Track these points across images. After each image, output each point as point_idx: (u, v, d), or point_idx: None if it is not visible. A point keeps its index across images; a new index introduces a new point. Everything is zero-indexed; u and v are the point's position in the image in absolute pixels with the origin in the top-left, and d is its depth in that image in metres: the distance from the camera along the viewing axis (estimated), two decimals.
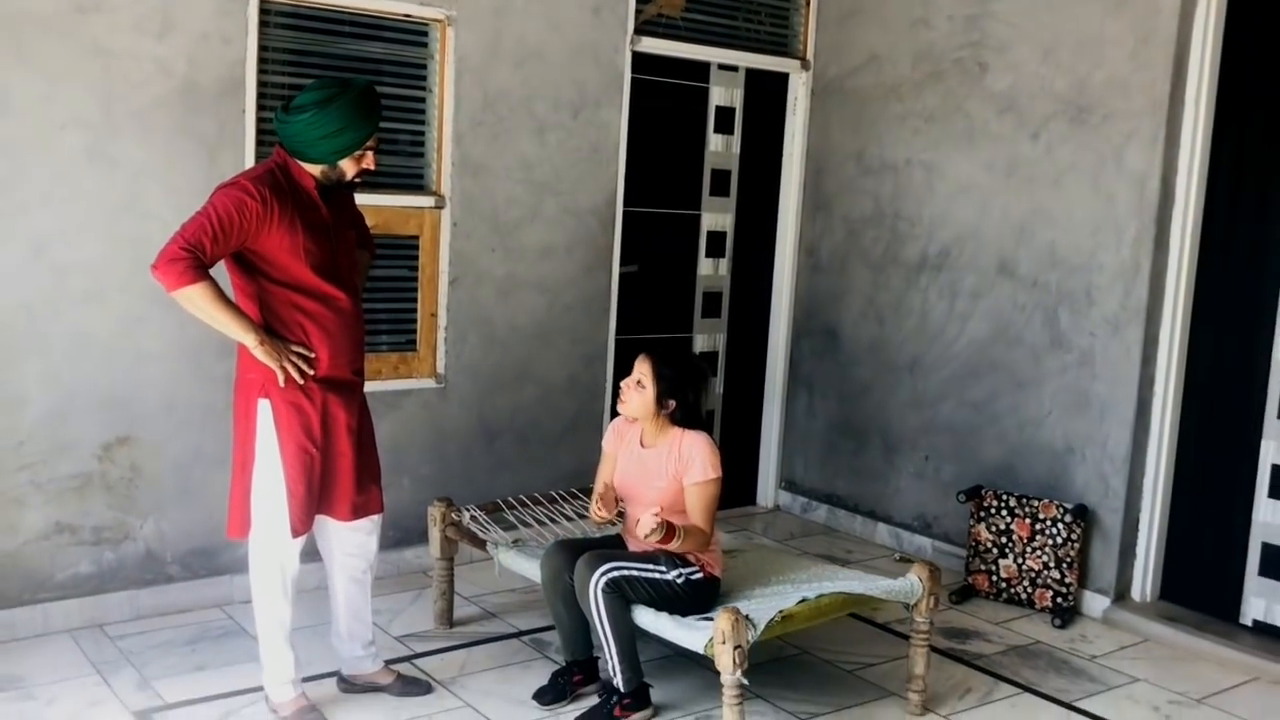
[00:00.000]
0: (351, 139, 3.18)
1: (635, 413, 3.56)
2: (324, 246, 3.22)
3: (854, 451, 5.54)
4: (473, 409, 4.81)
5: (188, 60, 3.98)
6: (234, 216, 3.04)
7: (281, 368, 3.14)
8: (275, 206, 3.09)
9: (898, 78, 5.28)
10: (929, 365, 5.19)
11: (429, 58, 4.55)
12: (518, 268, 4.84)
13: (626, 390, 3.55)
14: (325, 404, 3.26)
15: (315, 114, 3.12)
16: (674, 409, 3.51)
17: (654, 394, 3.50)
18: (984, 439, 4.98)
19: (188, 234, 3.02)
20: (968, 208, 5.02)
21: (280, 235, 3.12)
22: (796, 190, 5.70)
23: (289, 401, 3.19)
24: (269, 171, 3.17)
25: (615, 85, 5.01)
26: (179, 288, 3.01)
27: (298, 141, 3.16)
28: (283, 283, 3.18)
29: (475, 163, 4.65)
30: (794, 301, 5.78)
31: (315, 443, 3.24)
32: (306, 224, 3.17)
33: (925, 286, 5.19)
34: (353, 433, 3.34)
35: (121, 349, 3.97)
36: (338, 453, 3.32)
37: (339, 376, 3.29)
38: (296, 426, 3.21)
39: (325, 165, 3.21)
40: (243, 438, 3.25)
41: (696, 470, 3.45)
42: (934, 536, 5.20)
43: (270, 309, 3.19)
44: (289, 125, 3.16)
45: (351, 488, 3.37)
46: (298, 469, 3.21)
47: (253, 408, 3.21)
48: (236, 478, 3.28)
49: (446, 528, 4.07)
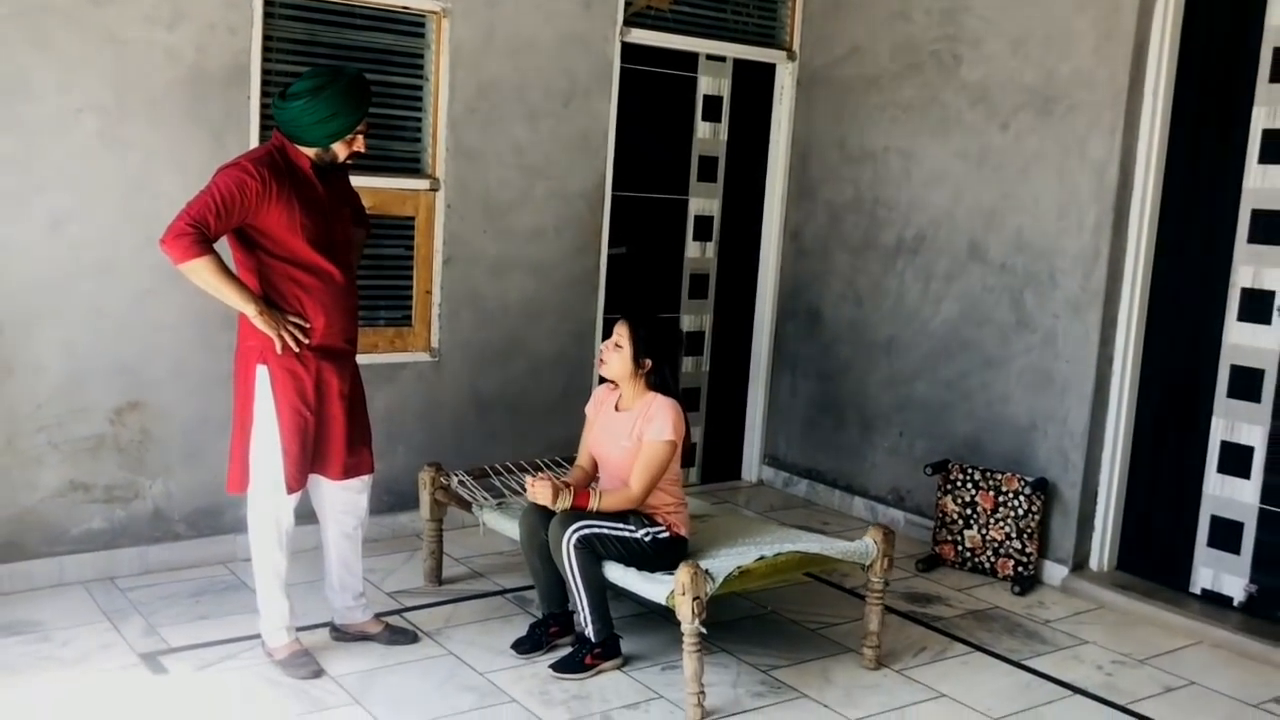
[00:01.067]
0: (342, 124, 3.43)
1: (614, 373, 3.79)
2: (319, 222, 3.47)
3: (834, 428, 5.78)
4: (465, 382, 5.06)
5: (196, 49, 4.24)
6: (235, 194, 3.29)
7: (279, 336, 3.40)
8: (274, 185, 3.34)
9: (878, 69, 5.49)
10: (904, 345, 5.41)
11: (425, 48, 4.79)
12: (509, 248, 5.09)
13: (606, 351, 3.80)
14: (319, 370, 3.51)
15: (309, 101, 3.37)
16: (650, 369, 3.75)
17: (630, 353, 3.74)
18: (955, 415, 5.20)
19: (193, 211, 3.28)
20: (942, 194, 5.23)
21: (279, 212, 3.37)
22: (782, 177, 5.92)
23: (285, 368, 3.45)
24: (268, 153, 3.42)
25: (605, 75, 5.23)
26: (185, 260, 3.27)
27: (293, 126, 3.41)
28: (281, 257, 3.43)
29: (469, 148, 4.89)
30: (779, 284, 6.00)
31: (309, 406, 3.50)
32: (303, 202, 3.42)
33: (902, 270, 5.41)
34: (344, 398, 3.59)
35: (133, 320, 4.24)
36: (330, 416, 3.57)
37: (332, 345, 3.54)
38: (292, 391, 3.46)
39: (319, 148, 3.46)
40: (242, 400, 3.51)
41: (654, 428, 3.68)
42: (906, 509, 5.42)
43: (269, 281, 3.44)
44: (285, 111, 3.40)
45: (343, 449, 3.63)
46: (293, 430, 3.47)
47: (251, 373, 3.46)
48: (236, 437, 3.54)
49: (436, 491, 4.33)
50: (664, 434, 3.69)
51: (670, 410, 3.72)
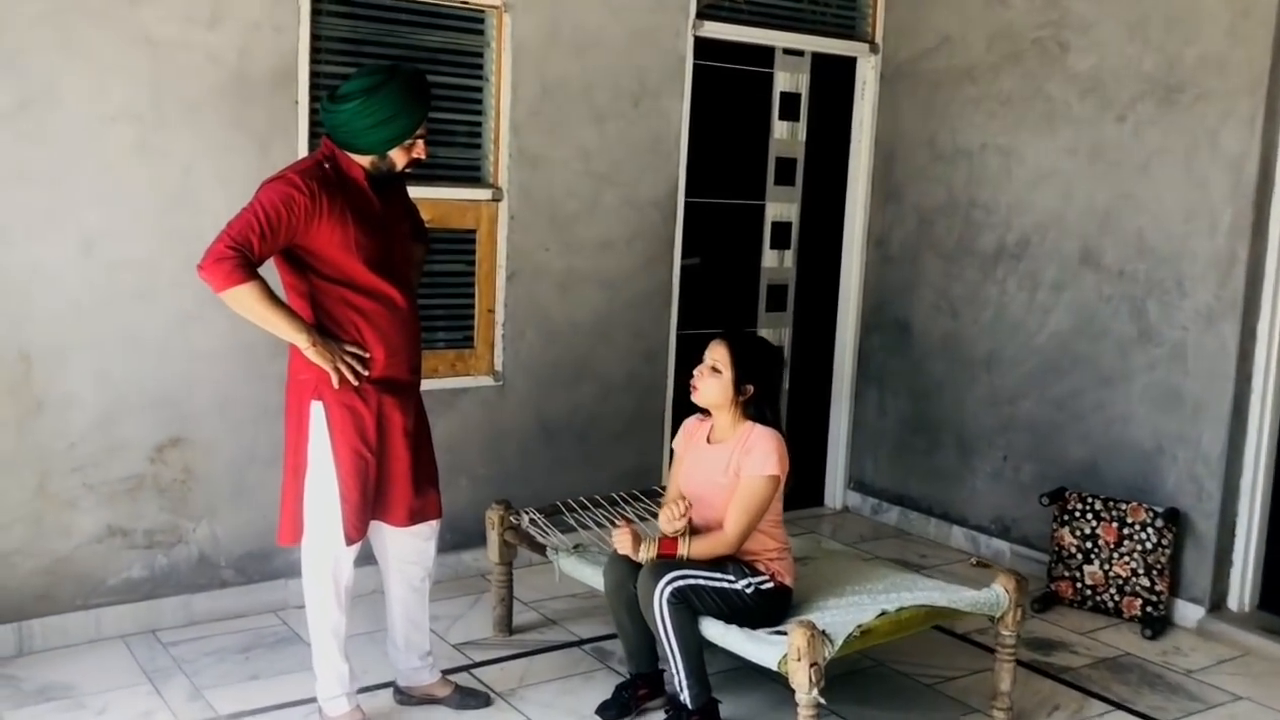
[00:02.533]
0: (401, 127, 3.03)
1: (710, 400, 3.38)
2: (377, 240, 3.08)
3: (927, 451, 5.32)
4: (531, 407, 4.67)
5: (239, 50, 3.87)
6: (281, 212, 2.91)
7: (335, 369, 3.01)
8: (324, 200, 2.96)
9: (972, 60, 5.04)
10: (1007, 360, 4.95)
11: (485, 45, 4.40)
12: (576, 261, 4.68)
13: (700, 377, 3.38)
14: (380, 406, 3.12)
15: (363, 102, 2.98)
16: (752, 394, 3.34)
17: (731, 378, 3.32)
18: (1067, 438, 4.74)
19: (234, 232, 2.89)
20: (1048, 195, 4.77)
21: (331, 229, 2.98)
22: (865, 179, 5.49)
23: (343, 403, 3.06)
24: (317, 164, 3.04)
25: (677, 72, 4.82)
26: (227, 288, 2.89)
27: (345, 131, 3.02)
28: (335, 279, 3.04)
29: (533, 154, 4.50)
30: (863, 294, 5.56)
31: (370, 446, 3.10)
32: (358, 217, 3.03)
33: (1003, 278, 4.96)
34: (409, 435, 3.20)
35: (173, 348, 3.87)
36: (393, 456, 3.18)
37: (395, 377, 3.15)
38: (350, 429, 3.07)
39: (374, 155, 3.07)
40: (294, 441, 3.12)
41: (753, 461, 3.27)
42: (1013, 540, 4.96)
43: (322, 307, 3.06)
44: (335, 114, 3.02)
45: (408, 492, 3.23)
46: (351, 473, 3.08)
47: (305, 410, 3.08)
48: (288, 482, 3.16)
49: (505, 532, 3.93)
50: (765, 468, 3.26)
51: (772, 441, 3.30)
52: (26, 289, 3.63)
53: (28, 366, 3.65)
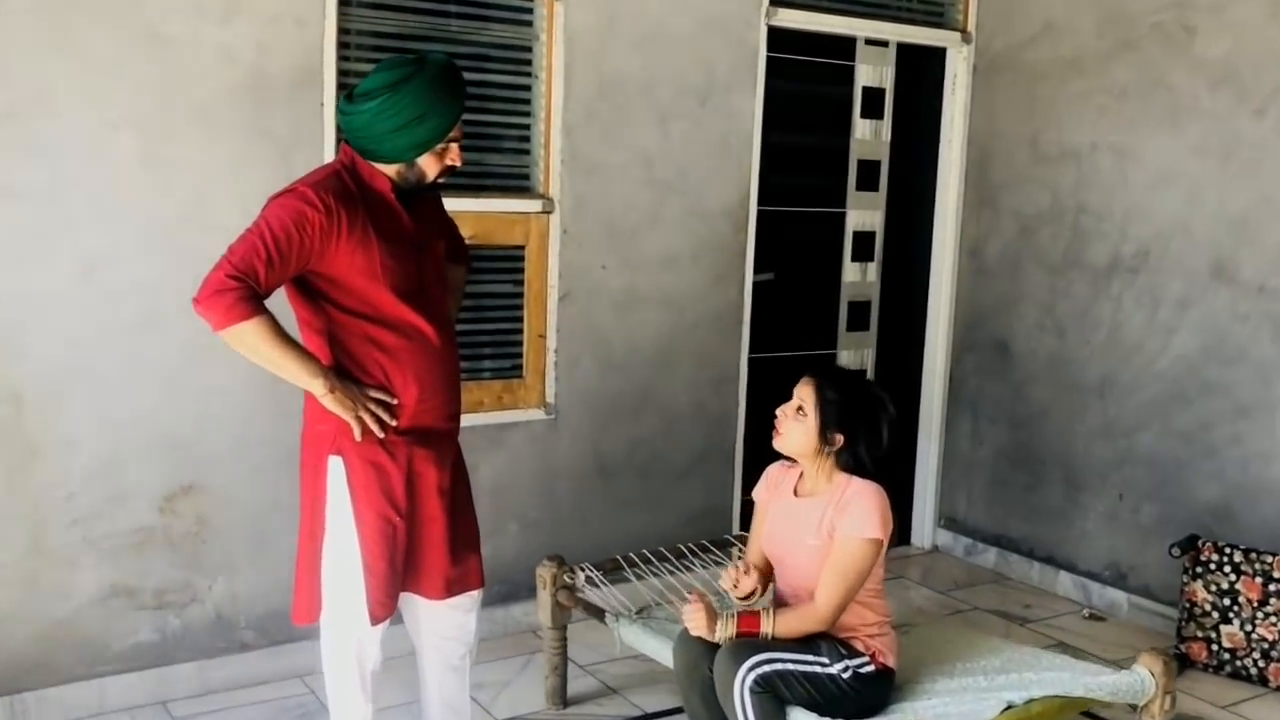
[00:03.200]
0: (431, 129, 2.56)
1: (792, 448, 2.87)
2: (407, 263, 2.61)
3: (1029, 486, 4.75)
4: (586, 443, 4.18)
5: (256, 47, 3.42)
6: (292, 233, 2.45)
7: (357, 418, 2.54)
8: (343, 217, 2.49)
9: (1080, 48, 4.48)
10: (1124, 386, 4.38)
11: (534, 39, 3.92)
12: (637, 280, 4.19)
13: (783, 419, 2.87)
14: (411, 461, 2.65)
15: (386, 100, 2.51)
16: (841, 446, 2.82)
17: (816, 424, 2.81)
18: (1195, 476, 4.16)
19: (236, 258, 2.44)
20: (1172, 199, 4.20)
21: (352, 252, 2.52)
22: (956, 183, 4.93)
23: (366, 459, 2.59)
24: (333, 175, 2.58)
25: (749, 65, 4.31)
26: (227, 325, 2.43)
27: (366, 136, 2.55)
28: (357, 312, 2.58)
29: (588, 159, 4.01)
30: (954, 311, 5.01)
31: (399, 509, 2.63)
32: (384, 236, 2.56)
33: (1118, 293, 4.38)
34: (445, 494, 2.72)
35: (184, 383, 3.43)
36: (427, 518, 2.71)
37: (428, 426, 2.67)
38: (375, 489, 2.60)
39: (401, 164, 2.60)
40: (311, 503, 2.66)
41: (850, 521, 2.75)
42: (1130, 590, 4.38)
43: (342, 346, 2.59)
44: (355, 116, 2.55)
45: (445, 560, 2.76)
46: (378, 541, 2.61)
47: (322, 466, 2.61)
48: (304, 551, 2.69)
49: (558, 592, 3.44)
50: (864, 529, 2.74)
51: (873, 497, 2.78)
52: (18, 320, 3.21)
53: (19, 408, 3.22)
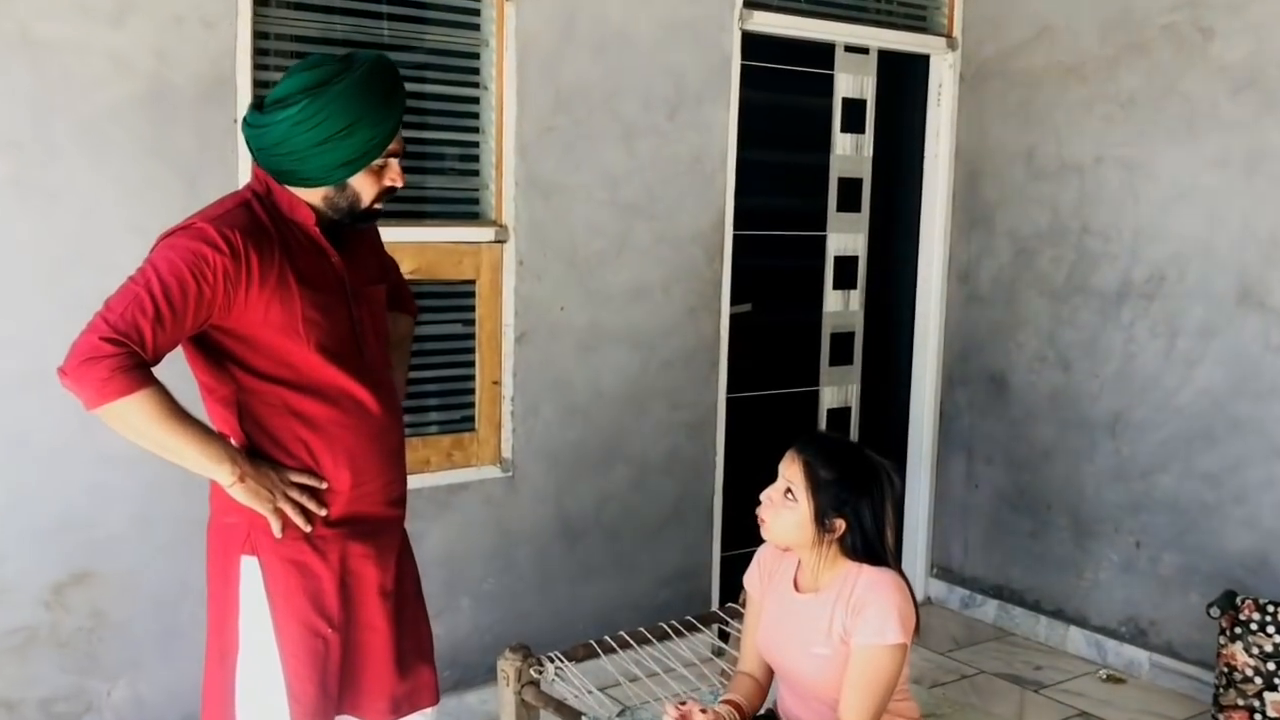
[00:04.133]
0: (365, 141, 2.06)
1: (783, 539, 2.37)
2: (337, 315, 2.11)
3: (1033, 532, 4.34)
4: (548, 502, 3.69)
5: (155, 53, 2.90)
6: (188, 281, 1.93)
7: (276, 510, 2.03)
8: (254, 260, 1.99)
9: (1081, 54, 4.09)
10: (1138, 424, 3.98)
11: (482, 44, 3.44)
12: (602, 315, 3.71)
13: (769, 506, 2.36)
14: (345, 558, 2.14)
15: (307, 105, 2.01)
16: (842, 533, 2.34)
17: (810, 510, 2.31)
18: (1224, 522, 3.76)
19: (114, 315, 1.91)
20: (1190, 217, 3.81)
21: (266, 304, 2.01)
22: (944, 202, 4.52)
23: (288, 559, 2.08)
24: (241, 206, 2.07)
25: (722, 74, 3.87)
26: (102, 403, 1.90)
27: (284, 154, 2.05)
28: (274, 377, 2.07)
29: (545, 181, 3.53)
30: (943, 341, 4.59)
31: (330, 619, 2.12)
32: (306, 283, 2.06)
33: (1130, 322, 3.99)
34: (388, 597, 2.22)
35: (74, 452, 2.89)
36: (366, 627, 2.20)
37: (366, 514, 2.17)
38: (300, 596, 2.09)
39: (330, 187, 2.10)
40: (219, 615, 2.13)
41: (868, 625, 2.25)
42: (1151, 648, 3.97)
43: (255, 419, 2.08)
44: (269, 129, 2.04)
45: (390, 675, 2.25)
46: (304, 661, 2.10)
47: (233, 569, 2.09)
48: (212, 675, 2.16)
49: (523, 689, 2.93)
50: (886, 634, 2.25)
51: (891, 591, 2.28)
52: None
53: None
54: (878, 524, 2.34)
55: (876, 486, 2.35)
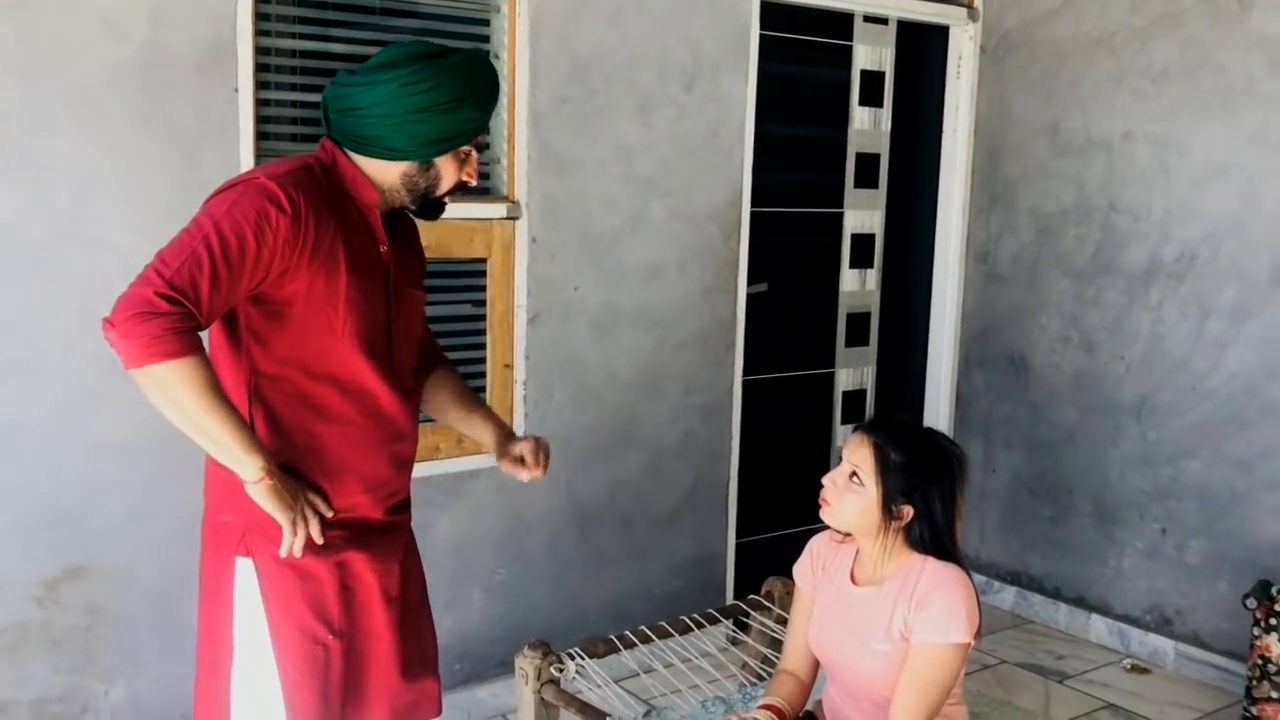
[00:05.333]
0: (465, 120, 1.94)
1: (846, 523, 2.24)
2: (376, 306, 1.96)
3: (1053, 519, 4.23)
4: (561, 488, 3.55)
5: (150, 16, 2.73)
6: (248, 240, 1.77)
7: (294, 522, 1.87)
8: (311, 224, 1.83)
9: (1109, 24, 3.95)
10: (1166, 408, 3.86)
11: (493, 9, 3.28)
12: (617, 295, 3.57)
13: (833, 489, 2.23)
14: (345, 562, 1.99)
15: (420, 68, 1.87)
16: (910, 520, 2.21)
17: (878, 495, 2.19)
18: (1255, 510, 3.66)
19: (170, 270, 1.72)
20: (1224, 195, 3.69)
21: (312, 275, 1.86)
22: (963, 178, 4.39)
23: (285, 561, 1.93)
24: (304, 169, 1.90)
25: (740, 44, 3.71)
26: (148, 362, 1.70)
27: (378, 117, 1.89)
28: (294, 363, 1.91)
29: (559, 155, 3.38)
30: (961, 321, 4.47)
31: (332, 626, 1.98)
32: (355, 262, 1.91)
33: (1158, 302, 3.87)
34: (392, 602, 2.07)
35: (67, 442, 2.74)
36: (369, 634, 2.06)
37: (367, 519, 2.02)
38: (299, 601, 1.95)
39: (414, 163, 1.94)
40: (212, 620, 1.98)
41: (931, 622, 2.13)
42: (1178, 638, 3.88)
43: (266, 406, 1.92)
44: (368, 89, 1.89)
45: (393, 685, 2.11)
46: (303, 670, 1.95)
47: (227, 571, 1.94)
48: (203, 682, 2.00)
49: (543, 688, 2.80)
50: (951, 632, 2.13)
51: (958, 588, 2.17)
52: None
53: None
54: (947, 515, 2.22)
55: (948, 475, 2.23)
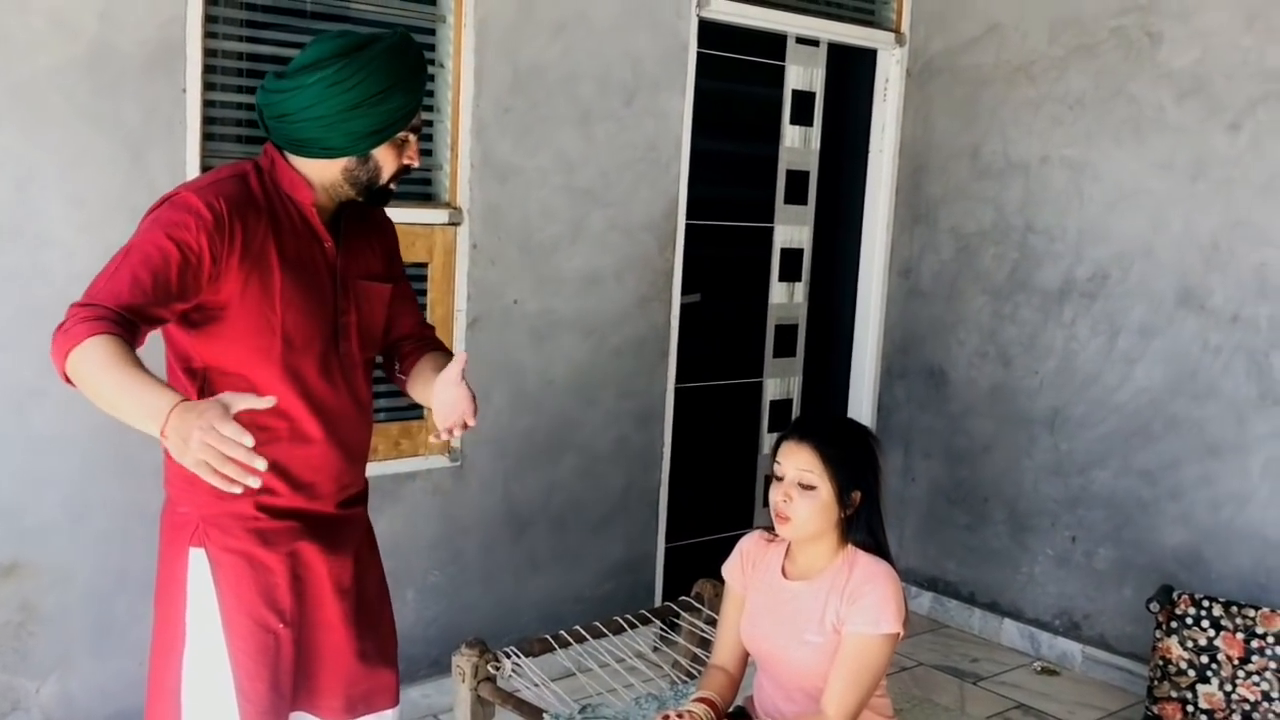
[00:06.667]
0: (397, 109, 1.95)
1: (811, 530, 2.32)
2: (317, 301, 2.00)
3: (969, 526, 4.39)
4: (496, 492, 3.61)
5: (99, 15, 2.74)
6: (169, 249, 1.80)
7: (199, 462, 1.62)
8: (237, 227, 1.87)
9: (1030, 53, 4.13)
10: (1077, 420, 4.05)
11: (440, 20, 3.34)
12: (556, 302, 3.64)
13: (788, 504, 2.31)
14: (298, 553, 2.04)
15: (342, 68, 1.89)
16: (859, 504, 2.32)
17: (832, 491, 2.30)
18: (1159, 518, 3.85)
19: (92, 288, 1.77)
20: (1133, 220, 3.88)
21: (245, 276, 1.89)
22: (888, 197, 4.54)
23: (237, 551, 1.97)
24: (237, 178, 1.94)
25: (678, 61, 3.82)
26: (64, 360, 1.69)
27: (309, 120, 1.91)
28: (239, 359, 1.94)
29: (502, 163, 3.45)
30: (884, 335, 4.62)
31: (282, 614, 2.01)
32: (288, 261, 1.95)
33: (1071, 320, 4.05)
34: (345, 594, 2.11)
35: (6, 436, 2.73)
36: (320, 625, 2.10)
37: (319, 511, 2.06)
38: (250, 590, 1.98)
39: (352, 158, 1.98)
40: (166, 608, 2.00)
41: (863, 614, 2.25)
42: (1085, 641, 4.05)
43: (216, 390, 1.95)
44: (296, 94, 1.91)
45: (345, 674, 2.15)
46: (253, 657, 1.98)
47: (180, 561, 1.97)
48: (157, 669, 2.02)
49: (480, 685, 2.86)
50: (881, 623, 2.25)
51: (887, 582, 2.29)
52: None
53: None
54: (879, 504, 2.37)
55: (875, 453, 2.39)
